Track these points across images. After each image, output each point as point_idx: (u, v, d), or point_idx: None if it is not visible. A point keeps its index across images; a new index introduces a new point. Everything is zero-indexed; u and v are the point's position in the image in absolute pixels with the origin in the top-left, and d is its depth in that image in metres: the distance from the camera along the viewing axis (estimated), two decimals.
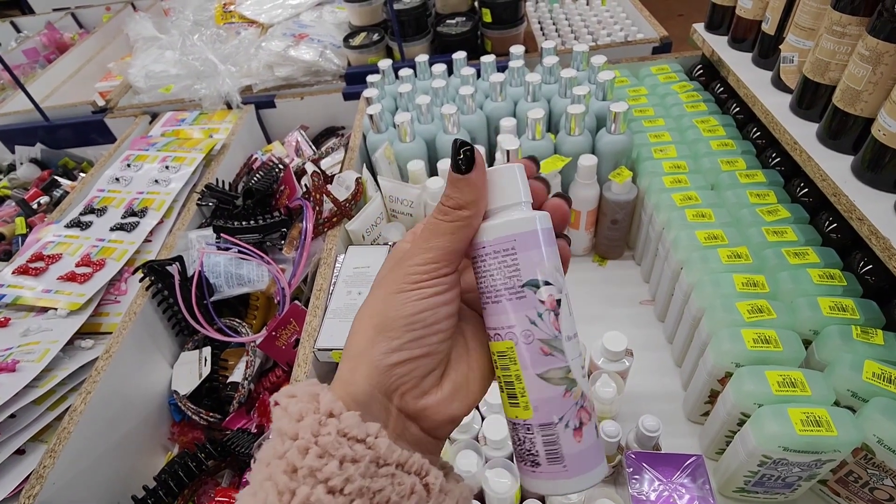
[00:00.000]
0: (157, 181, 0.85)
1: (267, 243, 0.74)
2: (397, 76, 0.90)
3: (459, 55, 0.87)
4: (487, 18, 1.01)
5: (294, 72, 1.06)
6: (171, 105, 1.10)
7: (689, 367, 0.62)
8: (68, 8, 1.80)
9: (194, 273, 0.69)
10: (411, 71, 0.88)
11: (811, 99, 0.62)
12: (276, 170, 0.82)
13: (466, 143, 0.22)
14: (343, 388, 0.22)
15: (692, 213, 0.65)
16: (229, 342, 0.70)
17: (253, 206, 0.78)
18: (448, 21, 1.05)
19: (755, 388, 0.49)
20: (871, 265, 0.56)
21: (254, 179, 0.82)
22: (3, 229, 0.93)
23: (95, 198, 0.85)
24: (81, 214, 0.82)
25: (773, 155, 0.71)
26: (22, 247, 0.79)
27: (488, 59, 0.85)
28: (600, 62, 0.79)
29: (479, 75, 0.88)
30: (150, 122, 1.07)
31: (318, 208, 0.73)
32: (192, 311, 0.68)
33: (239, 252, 0.71)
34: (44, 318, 0.67)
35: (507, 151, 0.68)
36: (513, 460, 0.52)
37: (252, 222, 0.73)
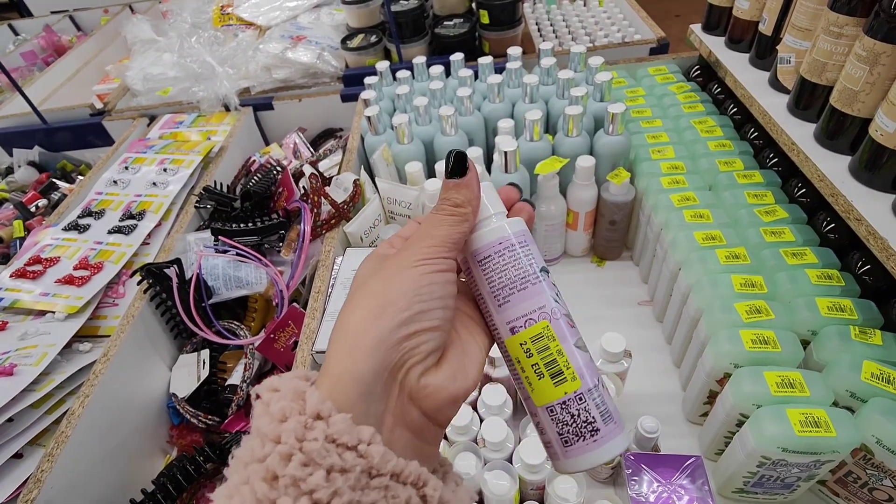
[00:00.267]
0: (155, 184, 0.85)
1: (265, 245, 0.74)
2: (395, 78, 0.90)
3: (457, 57, 0.87)
4: (485, 20, 1.01)
5: (292, 74, 1.06)
6: (169, 107, 1.10)
7: (687, 367, 0.62)
8: (66, 11, 1.80)
9: (192, 276, 0.69)
10: (409, 73, 0.88)
11: (808, 99, 0.62)
12: (274, 172, 0.82)
13: (460, 152, 0.24)
14: (340, 370, 0.20)
15: (690, 214, 0.65)
16: (228, 345, 0.70)
17: (251, 209, 0.78)
18: (446, 22, 1.05)
19: (754, 389, 0.49)
20: (868, 265, 0.56)
21: (252, 182, 0.82)
22: (1, 232, 0.93)
23: (93, 200, 0.85)
24: (79, 217, 0.81)
25: (771, 155, 0.71)
26: (20, 250, 0.79)
27: (486, 61, 0.85)
28: (598, 63, 0.79)
29: (476, 77, 0.88)
30: (148, 125, 1.07)
31: (315, 210, 0.73)
32: (190, 313, 0.68)
33: (237, 254, 0.71)
34: (41, 322, 0.67)
35: (505, 153, 0.68)
36: (511, 461, 0.52)
37: (250, 224, 0.73)
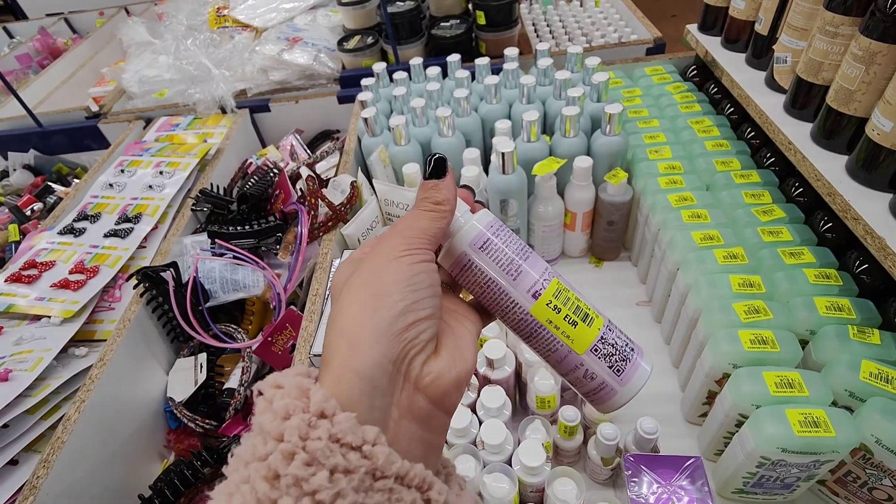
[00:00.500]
0: (151, 187, 0.85)
1: (262, 248, 0.74)
2: (392, 79, 0.89)
3: (454, 58, 0.87)
4: (482, 21, 1.01)
5: (288, 76, 1.06)
6: (165, 110, 1.09)
7: (686, 368, 0.62)
8: (61, 13, 1.79)
9: (189, 279, 0.68)
10: (406, 74, 0.88)
11: (805, 99, 0.62)
12: (271, 174, 0.82)
13: (441, 156, 0.25)
14: (342, 365, 0.20)
15: (688, 214, 0.65)
16: (225, 348, 0.69)
17: (248, 211, 0.77)
18: (442, 23, 1.05)
19: (753, 390, 0.49)
20: (866, 264, 0.56)
21: (249, 184, 0.81)
22: None
23: (89, 204, 0.84)
24: (75, 221, 0.81)
25: (768, 155, 0.71)
26: (15, 254, 0.78)
27: (482, 62, 0.85)
28: (594, 64, 0.79)
29: (473, 78, 0.88)
30: (145, 128, 1.07)
31: (313, 213, 0.73)
32: (186, 317, 0.67)
33: (234, 257, 0.71)
34: (37, 327, 0.66)
35: (503, 154, 0.68)
36: (511, 464, 0.52)
37: (247, 227, 0.73)
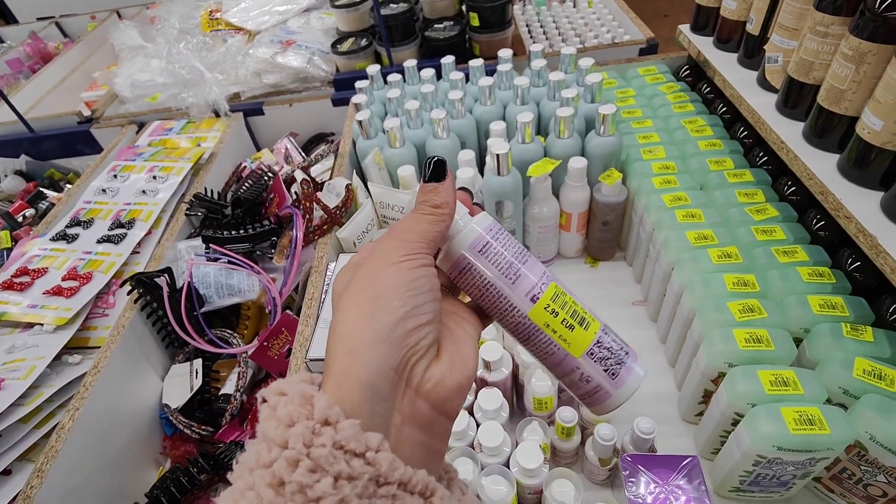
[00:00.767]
0: (144, 192, 0.84)
1: (257, 253, 0.73)
2: (386, 81, 0.89)
3: (448, 59, 0.87)
4: (475, 22, 1.01)
5: (282, 79, 1.06)
6: (158, 114, 1.09)
7: (682, 367, 0.62)
8: (52, 17, 1.78)
9: (183, 284, 0.68)
10: (400, 76, 0.88)
11: (796, 98, 0.63)
12: (266, 178, 0.81)
13: (440, 159, 0.25)
14: (343, 372, 0.20)
15: (682, 214, 0.65)
16: (221, 353, 0.69)
17: (242, 215, 0.77)
18: (436, 25, 1.05)
19: (748, 388, 0.49)
20: (859, 262, 0.57)
21: (243, 188, 0.81)
22: None
23: (82, 210, 0.84)
24: (67, 227, 0.80)
25: (761, 154, 0.72)
26: (6, 261, 0.78)
27: (476, 64, 0.85)
28: (588, 65, 0.79)
29: (467, 79, 0.88)
30: (137, 132, 1.07)
31: (308, 216, 0.72)
32: (181, 323, 0.67)
33: (229, 262, 0.70)
34: (30, 334, 0.66)
35: (497, 156, 0.68)
36: (508, 466, 0.52)
37: (242, 231, 0.73)
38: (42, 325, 0.66)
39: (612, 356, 0.27)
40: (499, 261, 0.26)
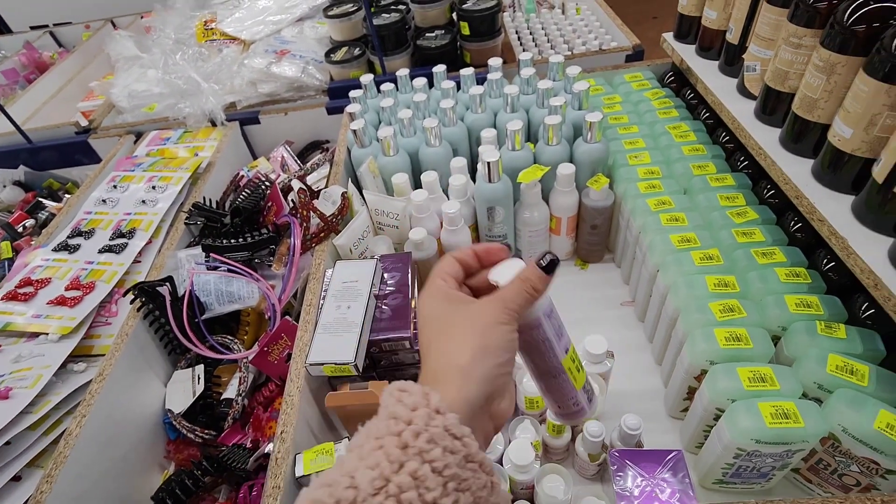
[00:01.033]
0: (144, 202, 0.86)
1: (256, 260, 0.75)
2: (379, 90, 0.91)
3: (439, 68, 0.89)
4: (466, 31, 1.03)
5: (277, 88, 1.08)
6: (156, 124, 1.10)
7: (668, 365, 0.65)
8: (46, 26, 1.79)
9: (185, 293, 0.70)
10: (393, 85, 0.90)
11: (773, 106, 0.65)
12: (263, 187, 0.83)
13: (556, 258, 0.32)
14: (458, 392, 0.28)
15: (666, 218, 0.67)
16: (222, 359, 0.71)
17: (241, 224, 0.79)
18: (427, 34, 1.07)
19: (728, 385, 0.51)
20: (833, 262, 0.59)
21: (241, 197, 0.83)
22: None
23: (83, 220, 0.85)
24: (69, 238, 0.82)
25: (742, 158, 0.75)
26: (9, 272, 0.79)
27: (467, 72, 0.87)
28: (575, 73, 0.82)
29: (459, 87, 0.90)
30: (135, 142, 1.08)
31: (305, 224, 0.74)
32: (183, 330, 0.69)
33: (228, 270, 0.72)
34: (35, 344, 0.67)
35: (488, 163, 0.70)
36: (501, 463, 0.54)
37: (240, 240, 0.75)
38: (47, 334, 0.67)
39: (591, 389, 0.39)
40: (555, 323, 0.34)
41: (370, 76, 0.92)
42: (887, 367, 0.50)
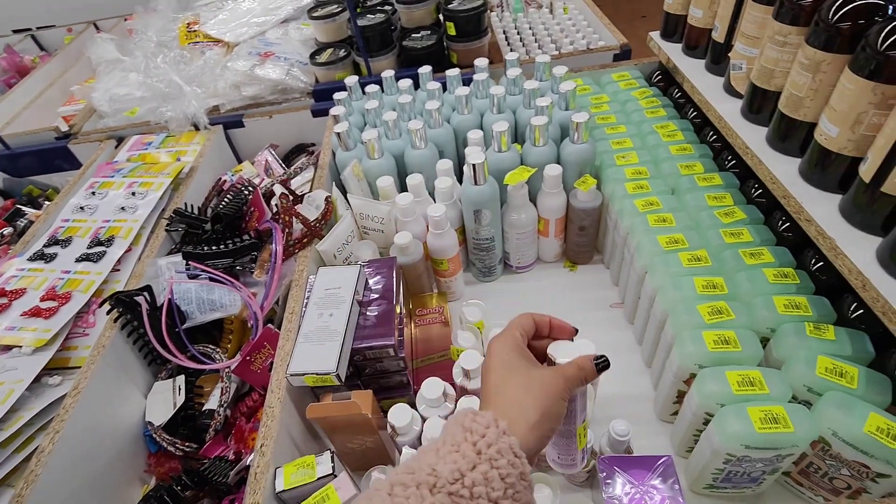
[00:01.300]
0: (123, 208, 0.84)
1: (238, 267, 0.74)
2: (364, 92, 0.90)
3: (425, 69, 0.88)
4: (452, 31, 1.02)
5: (261, 90, 1.06)
6: (137, 128, 1.08)
7: (657, 368, 0.64)
8: (28, 30, 1.76)
9: (164, 302, 0.68)
10: (378, 87, 0.89)
11: (760, 104, 0.64)
12: (245, 192, 0.82)
13: (607, 361, 0.39)
14: (523, 436, 0.33)
15: (654, 219, 0.67)
16: (203, 369, 0.69)
17: (222, 230, 0.77)
18: (413, 35, 1.06)
19: (717, 389, 0.50)
20: (821, 262, 0.59)
21: (223, 202, 0.81)
22: None
23: (60, 228, 0.83)
24: (45, 246, 0.80)
25: (729, 158, 0.74)
26: None
27: (453, 73, 0.86)
28: (561, 73, 0.81)
29: (445, 88, 0.89)
30: (116, 147, 1.06)
31: (287, 230, 0.73)
32: (162, 340, 0.67)
33: (210, 279, 0.71)
34: (8, 357, 0.65)
35: (474, 166, 0.69)
36: None
37: (222, 247, 0.73)
38: (20, 347, 0.65)
39: (587, 449, 0.46)
40: (584, 400, 0.41)
41: (355, 78, 0.90)
42: (876, 368, 0.50)
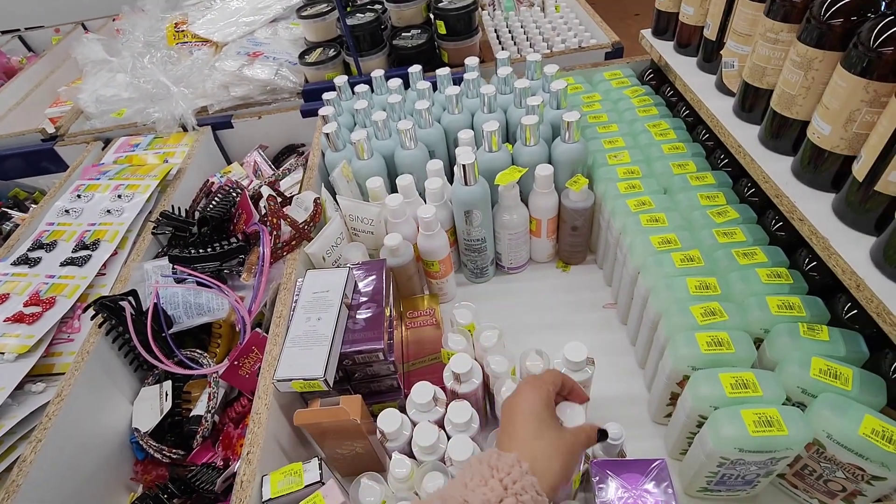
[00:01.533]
0: (109, 211, 0.83)
1: (225, 271, 0.72)
2: (353, 91, 0.89)
3: (415, 69, 0.87)
4: (442, 30, 1.01)
5: (250, 91, 1.05)
6: (125, 130, 1.07)
7: (651, 369, 0.63)
8: (16, 30, 1.74)
9: (149, 307, 0.67)
10: (367, 86, 0.88)
11: (752, 102, 0.64)
12: (233, 194, 0.81)
13: (605, 433, 0.46)
14: (544, 477, 0.38)
15: (646, 219, 0.66)
16: (191, 375, 0.68)
17: (210, 233, 0.76)
18: (404, 34, 1.05)
19: (710, 392, 0.50)
20: (815, 262, 0.58)
21: (211, 205, 0.80)
22: None
23: (44, 232, 0.82)
24: (29, 250, 0.79)
25: (722, 156, 0.73)
26: None
27: (444, 72, 0.85)
28: (553, 71, 0.80)
29: (435, 88, 0.88)
30: (103, 149, 1.04)
31: (275, 232, 0.72)
32: (148, 346, 0.66)
33: (196, 283, 0.69)
34: None
35: (464, 166, 0.68)
36: None
37: (209, 250, 0.72)
38: (3, 353, 0.64)
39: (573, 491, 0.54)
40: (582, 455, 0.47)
41: (344, 78, 0.89)
42: (870, 369, 0.49)
